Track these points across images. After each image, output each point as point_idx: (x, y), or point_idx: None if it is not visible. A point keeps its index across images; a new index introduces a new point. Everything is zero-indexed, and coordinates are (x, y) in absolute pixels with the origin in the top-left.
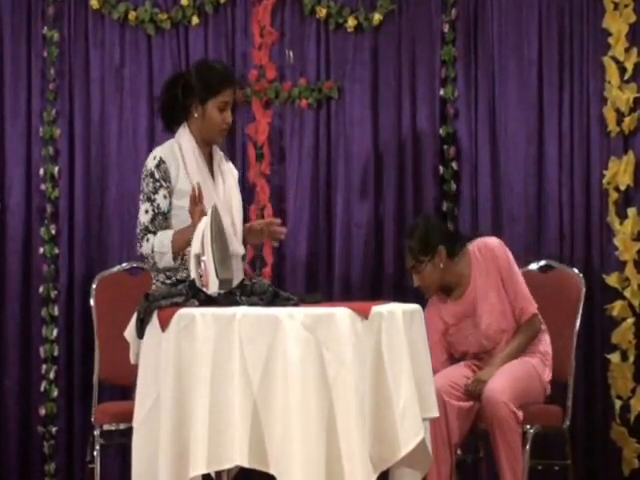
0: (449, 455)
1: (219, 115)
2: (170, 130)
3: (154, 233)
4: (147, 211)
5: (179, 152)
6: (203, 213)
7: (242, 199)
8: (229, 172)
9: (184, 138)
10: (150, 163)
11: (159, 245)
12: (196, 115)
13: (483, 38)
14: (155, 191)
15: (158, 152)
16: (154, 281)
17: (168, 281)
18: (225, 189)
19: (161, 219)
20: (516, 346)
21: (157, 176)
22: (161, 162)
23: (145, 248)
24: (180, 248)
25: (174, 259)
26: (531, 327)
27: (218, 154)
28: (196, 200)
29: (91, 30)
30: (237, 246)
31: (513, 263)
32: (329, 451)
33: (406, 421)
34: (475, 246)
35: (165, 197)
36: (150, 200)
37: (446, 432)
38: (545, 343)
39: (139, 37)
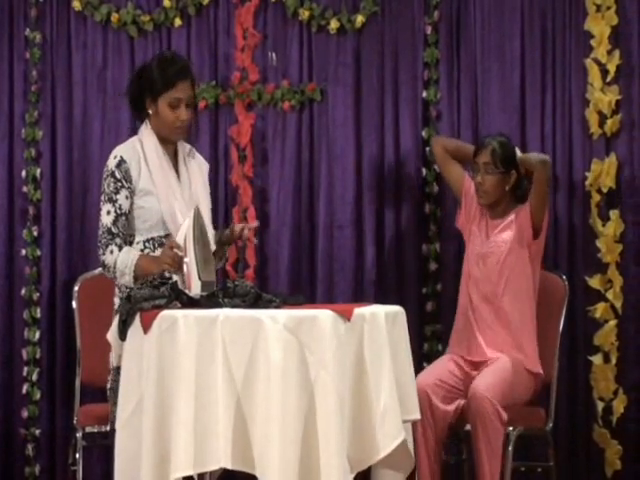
0: (439, 453)
1: (171, 112)
2: (138, 119)
3: (118, 238)
4: (109, 212)
5: (141, 150)
6: (175, 260)
7: (213, 194)
8: (197, 168)
9: (145, 135)
10: (111, 163)
11: (122, 265)
12: (150, 112)
13: (466, 40)
14: (116, 191)
15: (119, 151)
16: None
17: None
18: (191, 188)
19: (124, 220)
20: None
21: (118, 176)
22: (122, 162)
23: (108, 259)
24: (142, 275)
25: (133, 281)
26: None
27: (183, 150)
28: (172, 246)
29: (73, 32)
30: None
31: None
32: (307, 452)
33: (386, 423)
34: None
35: (127, 197)
36: (112, 201)
37: (435, 429)
38: (534, 343)
39: (122, 39)
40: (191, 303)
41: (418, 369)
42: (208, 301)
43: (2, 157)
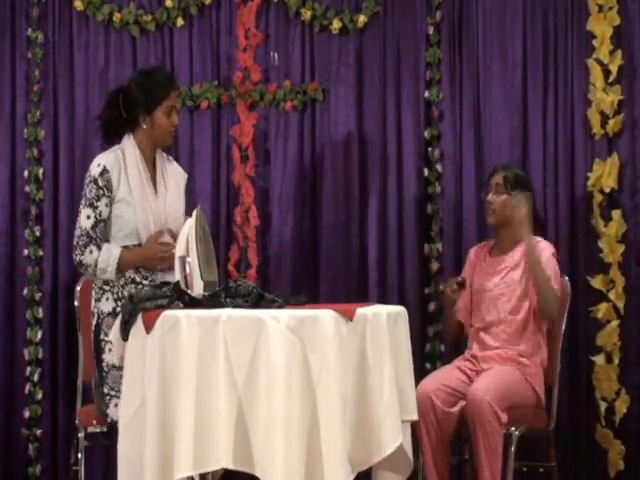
0: (446, 455)
1: (167, 120)
2: (109, 143)
3: (96, 241)
4: (89, 217)
5: (122, 160)
6: (168, 254)
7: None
8: (173, 180)
9: (128, 147)
10: (94, 170)
11: (103, 263)
12: (145, 126)
13: (468, 40)
14: (98, 198)
15: (102, 160)
16: (94, 286)
17: (105, 286)
18: (167, 199)
19: (102, 226)
20: (540, 264)
21: (100, 184)
22: (105, 171)
23: (87, 258)
24: (126, 268)
25: (116, 276)
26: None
27: (161, 160)
28: (158, 238)
29: (75, 32)
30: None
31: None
32: (310, 452)
33: (386, 424)
34: (537, 239)
35: (106, 205)
36: (92, 207)
37: (439, 432)
38: (544, 353)
39: (124, 39)
40: (193, 303)
41: (420, 369)
42: (210, 301)
43: (4, 157)
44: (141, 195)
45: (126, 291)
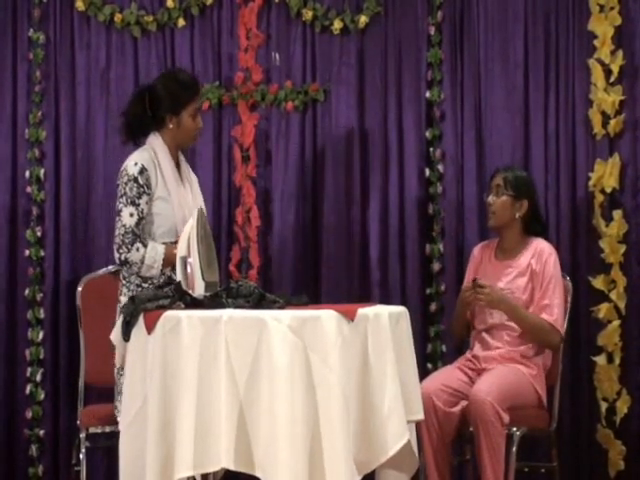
0: (447, 455)
1: (193, 122)
2: (133, 142)
3: (140, 238)
4: (132, 214)
5: (155, 159)
6: None
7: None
8: (194, 178)
9: (158, 146)
10: (132, 169)
11: (150, 260)
12: (171, 126)
13: (469, 41)
14: (139, 196)
15: (139, 159)
16: (125, 283)
17: (144, 284)
18: (193, 196)
19: (144, 223)
20: (524, 314)
21: (140, 182)
22: (143, 169)
23: (133, 256)
24: (169, 265)
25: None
26: (544, 331)
27: (183, 160)
28: None
29: (77, 32)
30: None
31: (559, 276)
32: (313, 454)
33: (391, 424)
34: (539, 241)
35: (146, 203)
36: (135, 204)
37: (440, 433)
38: (548, 358)
39: (125, 39)
40: (195, 303)
41: (422, 370)
42: (212, 301)
43: (5, 158)
44: (177, 193)
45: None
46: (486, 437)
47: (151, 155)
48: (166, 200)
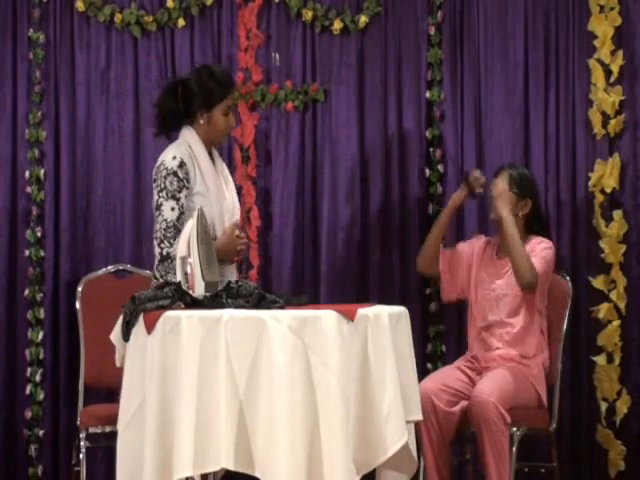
0: (447, 456)
1: (224, 120)
2: (166, 135)
3: (181, 232)
4: (173, 209)
5: (191, 154)
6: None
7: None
8: (227, 173)
9: (193, 140)
10: (171, 163)
11: None
12: (202, 122)
13: (469, 40)
14: (179, 190)
15: (177, 152)
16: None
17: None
18: (232, 192)
19: (184, 217)
20: (518, 237)
21: (180, 176)
22: (182, 163)
23: (175, 250)
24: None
25: None
26: (527, 264)
27: (217, 156)
28: (234, 230)
29: (77, 32)
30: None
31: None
32: (312, 454)
33: (390, 424)
34: (538, 238)
35: (186, 197)
36: (175, 198)
37: (440, 433)
38: (547, 359)
39: (125, 39)
40: (195, 303)
41: (422, 370)
42: (212, 302)
43: (5, 158)
44: (215, 187)
45: None
46: (489, 438)
47: (187, 149)
48: (204, 195)
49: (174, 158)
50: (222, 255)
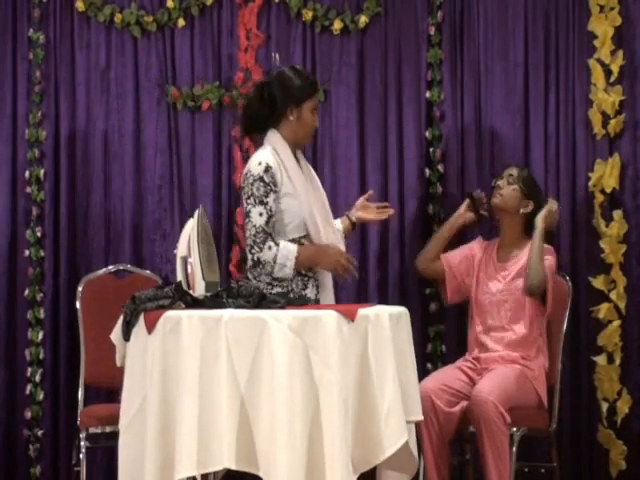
0: (446, 456)
1: (312, 117)
2: (250, 135)
3: (271, 236)
4: (261, 214)
5: (278, 157)
6: (347, 268)
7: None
8: (312, 172)
9: (278, 143)
10: (256, 168)
11: (282, 258)
12: (291, 118)
13: (469, 41)
14: (266, 194)
15: (262, 158)
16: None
17: (275, 282)
18: (315, 190)
19: (273, 221)
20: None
21: (266, 180)
22: (268, 167)
23: (266, 255)
24: (303, 266)
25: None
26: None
27: (302, 156)
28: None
29: (77, 32)
30: (340, 244)
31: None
32: (312, 454)
33: (390, 424)
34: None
35: (274, 201)
36: (263, 203)
37: (440, 433)
38: (546, 359)
39: (125, 39)
40: (195, 303)
41: (422, 370)
42: (212, 301)
43: (5, 158)
44: (304, 187)
45: (294, 285)
46: (489, 437)
47: (273, 152)
48: (293, 196)
49: (259, 164)
50: (318, 259)
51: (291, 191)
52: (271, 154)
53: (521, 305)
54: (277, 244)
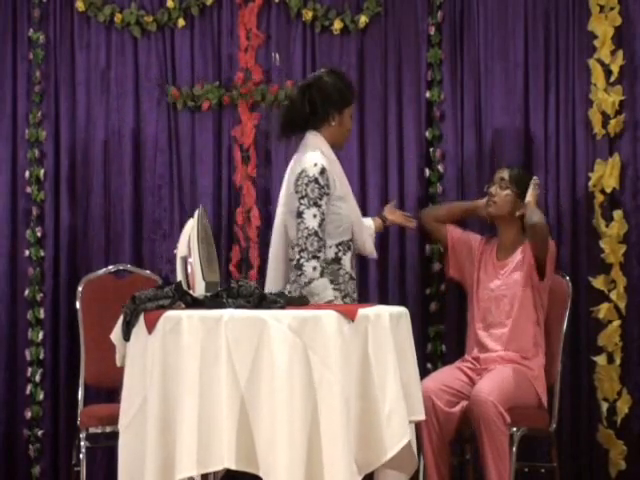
0: (447, 456)
1: (350, 123)
2: (286, 137)
3: (323, 244)
4: (315, 216)
5: (327, 159)
6: None
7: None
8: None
9: (324, 145)
10: (312, 170)
11: (316, 289)
12: (333, 123)
13: (469, 41)
14: (321, 197)
15: (317, 159)
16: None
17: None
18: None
19: (325, 224)
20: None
21: (321, 182)
22: (324, 169)
23: (308, 269)
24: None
25: None
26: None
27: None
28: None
29: (77, 32)
30: (371, 245)
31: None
32: (312, 454)
33: (392, 424)
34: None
35: (326, 203)
36: (317, 205)
37: (440, 433)
38: (543, 355)
39: (125, 39)
40: (195, 303)
41: (422, 370)
42: (212, 301)
43: (5, 158)
44: (349, 190)
45: (349, 288)
46: (489, 437)
47: (323, 154)
48: (345, 199)
49: (315, 165)
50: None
51: (342, 194)
52: (321, 155)
53: (519, 299)
54: (322, 274)
